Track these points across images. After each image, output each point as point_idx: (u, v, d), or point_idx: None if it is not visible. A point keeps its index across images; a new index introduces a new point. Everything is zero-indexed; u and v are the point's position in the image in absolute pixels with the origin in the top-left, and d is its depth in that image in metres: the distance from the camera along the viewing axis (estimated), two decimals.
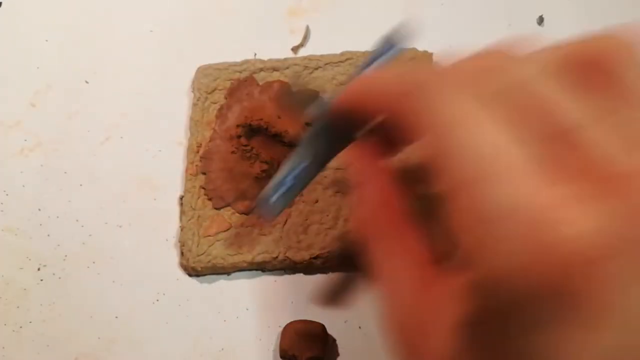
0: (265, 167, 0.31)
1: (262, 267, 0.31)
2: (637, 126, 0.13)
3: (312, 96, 0.29)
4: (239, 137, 0.32)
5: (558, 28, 0.37)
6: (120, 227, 0.32)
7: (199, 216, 0.31)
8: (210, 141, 0.32)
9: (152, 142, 0.34)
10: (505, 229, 0.12)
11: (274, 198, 0.26)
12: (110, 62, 0.37)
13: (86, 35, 0.38)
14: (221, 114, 0.33)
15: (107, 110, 0.35)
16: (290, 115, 0.31)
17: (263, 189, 0.26)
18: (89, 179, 0.34)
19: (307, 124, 0.32)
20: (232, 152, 0.32)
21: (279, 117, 0.32)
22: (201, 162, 0.32)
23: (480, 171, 0.13)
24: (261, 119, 0.32)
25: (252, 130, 0.32)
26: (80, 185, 0.33)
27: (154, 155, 0.34)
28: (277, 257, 0.30)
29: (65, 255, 0.31)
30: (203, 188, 0.32)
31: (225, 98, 0.34)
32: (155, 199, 0.33)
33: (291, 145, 0.32)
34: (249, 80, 0.34)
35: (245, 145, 0.31)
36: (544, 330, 0.12)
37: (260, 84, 0.34)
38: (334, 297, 0.30)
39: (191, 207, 0.31)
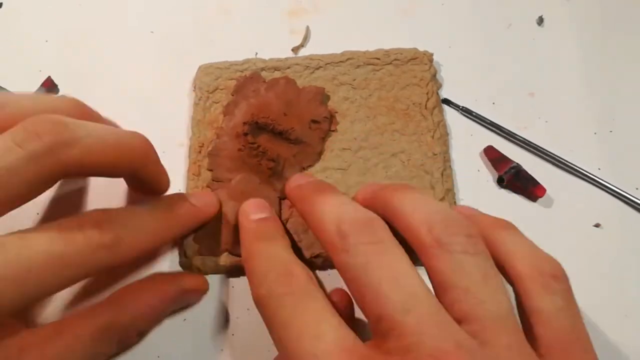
0: (271, 164, 0.31)
1: None
2: None
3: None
4: (245, 134, 0.32)
5: (558, 29, 0.38)
6: None
7: None
8: (217, 138, 0.32)
9: (154, 143, 0.34)
10: None
11: None
12: (111, 63, 0.37)
13: (86, 37, 0.38)
14: (228, 110, 0.33)
15: (108, 111, 0.35)
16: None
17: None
18: (89, 181, 0.33)
19: (314, 121, 0.32)
20: (239, 150, 0.31)
21: (284, 115, 0.32)
22: (209, 158, 0.32)
23: None
24: (267, 117, 0.32)
25: (259, 128, 0.32)
26: (81, 187, 0.33)
27: None
28: None
29: None
30: (209, 187, 0.31)
31: (232, 95, 0.34)
32: None
33: (297, 142, 0.32)
34: (255, 77, 0.34)
35: (252, 143, 0.31)
36: None
37: (266, 80, 0.34)
38: None
39: None
